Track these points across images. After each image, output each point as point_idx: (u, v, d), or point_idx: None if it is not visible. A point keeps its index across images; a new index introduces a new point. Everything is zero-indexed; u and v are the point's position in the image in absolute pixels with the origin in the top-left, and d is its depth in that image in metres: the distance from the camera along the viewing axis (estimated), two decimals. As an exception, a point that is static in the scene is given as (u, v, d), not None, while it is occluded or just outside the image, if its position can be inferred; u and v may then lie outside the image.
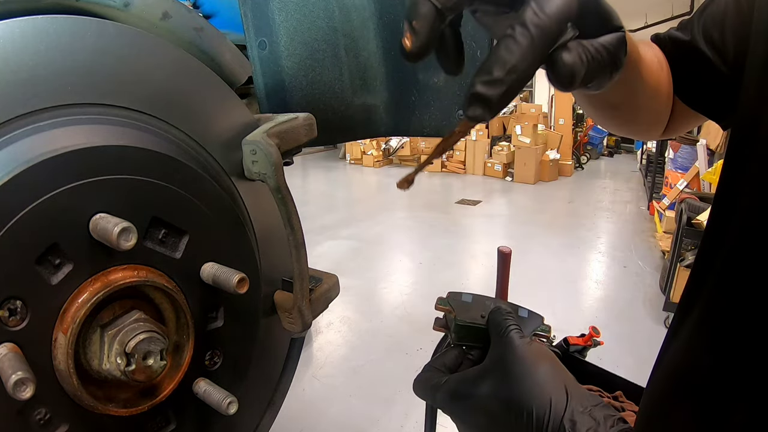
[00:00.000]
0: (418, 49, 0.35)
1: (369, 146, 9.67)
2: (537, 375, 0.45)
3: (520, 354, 0.47)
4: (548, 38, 0.32)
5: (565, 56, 0.34)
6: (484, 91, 0.31)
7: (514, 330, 0.50)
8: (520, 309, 0.59)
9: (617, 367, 1.39)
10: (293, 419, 2.39)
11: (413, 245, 5.19)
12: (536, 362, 0.46)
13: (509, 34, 0.32)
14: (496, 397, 0.45)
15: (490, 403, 0.45)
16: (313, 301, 0.75)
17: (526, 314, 0.58)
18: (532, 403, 0.43)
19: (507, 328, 0.50)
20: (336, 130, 0.87)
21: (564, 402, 0.43)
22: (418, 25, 0.34)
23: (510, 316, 0.52)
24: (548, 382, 0.45)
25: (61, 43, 0.53)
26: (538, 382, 0.45)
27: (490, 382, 0.47)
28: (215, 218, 0.60)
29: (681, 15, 8.55)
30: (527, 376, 0.45)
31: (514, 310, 0.58)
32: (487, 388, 0.46)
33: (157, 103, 0.61)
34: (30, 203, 0.46)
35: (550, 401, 0.43)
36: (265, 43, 0.81)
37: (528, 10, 0.32)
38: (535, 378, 0.45)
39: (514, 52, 0.31)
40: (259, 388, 0.80)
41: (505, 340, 0.49)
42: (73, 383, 0.48)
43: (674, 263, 3.29)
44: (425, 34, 0.35)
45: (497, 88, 0.31)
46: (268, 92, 0.83)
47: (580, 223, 5.70)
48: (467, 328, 0.55)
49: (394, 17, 0.82)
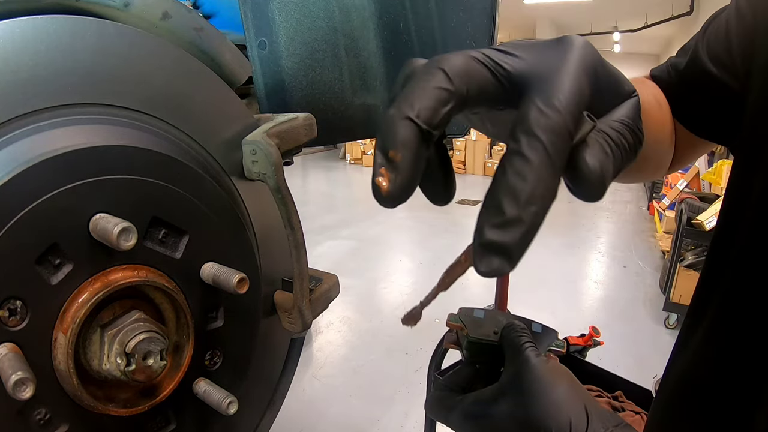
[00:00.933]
0: (401, 191, 0.25)
1: (369, 146, 9.66)
2: (555, 394, 0.43)
3: (537, 373, 0.45)
4: (565, 143, 0.24)
5: (589, 159, 0.26)
6: (497, 239, 0.23)
7: (530, 347, 0.48)
8: (534, 324, 0.57)
9: (617, 367, 1.39)
10: (293, 419, 2.39)
11: (413, 245, 5.19)
12: (554, 381, 0.44)
13: (514, 150, 0.24)
14: (512, 418, 0.43)
15: (506, 424, 0.44)
16: (313, 301, 0.75)
17: (540, 329, 0.56)
18: (549, 424, 0.41)
19: (522, 346, 0.48)
20: (336, 130, 0.87)
21: (584, 423, 0.41)
22: (397, 156, 0.24)
23: (524, 333, 0.50)
24: (567, 401, 0.43)
25: (61, 43, 0.53)
26: (556, 401, 0.43)
27: (506, 402, 0.45)
28: (215, 218, 0.60)
29: (681, 15, 8.54)
30: (544, 396, 0.43)
31: (528, 324, 0.56)
32: (503, 408, 0.44)
33: (158, 103, 0.61)
34: (30, 203, 0.46)
35: (570, 422, 0.41)
36: (265, 43, 0.81)
37: (532, 108, 0.24)
38: (553, 397, 0.43)
39: (526, 176, 0.23)
40: (259, 388, 0.80)
41: (521, 358, 0.47)
42: (73, 383, 0.48)
43: (674, 263, 3.28)
44: (408, 168, 0.25)
45: (514, 231, 0.23)
46: (268, 92, 0.83)
47: (580, 223, 5.70)
48: (480, 345, 0.53)
49: (394, 17, 0.82)
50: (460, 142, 8.84)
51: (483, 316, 0.56)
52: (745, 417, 0.44)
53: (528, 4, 9.51)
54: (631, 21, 10.27)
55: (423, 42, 0.80)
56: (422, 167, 0.25)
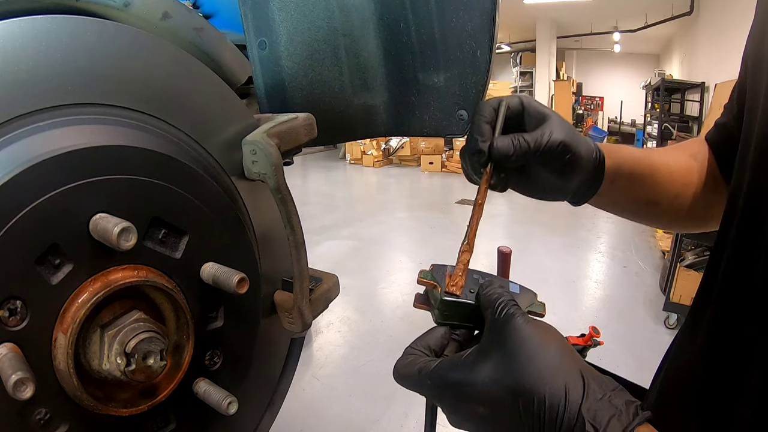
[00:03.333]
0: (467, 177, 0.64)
1: (369, 146, 9.67)
2: (547, 357, 0.39)
3: (525, 334, 0.41)
4: None
5: None
6: None
7: (514, 305, 0.44)
8: (511, 284, 0.52)
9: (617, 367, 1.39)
10: (293, 419, 2.39)
11: (413, 245, 5.19)
12: (545, 343, 0.40)
13: None
14: (499, 384, 0.39)
15: (492, 391, 0.40)
16: (313, 301, 0.75)
17: (518, 290, 0.51)
18: (543, 390, 0.37)
19: (506, 305, 0.43)
20: (336, 130, 0.87)
21: (581, 388, 0.37)
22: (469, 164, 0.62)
23: (505, 291, 0.46)
24: (561, 365, 0.39)
25: (61, 43, 0.53)
26: (550, 365, 0.39)
27: (490, 367, 0.41)
28: (215, 218, 0.60)
29: (681, 15, 8.55)
30: (536, 359, 0.39)
31: (505, 285, 0.51)
32: (487, 373, 0.40)
33: (158, 103, 0.61)
34: (30, 203, 0.46)
35: (566, 387, 0.37)
36: (265, 43, 0.81)
37: None
38: (546, 361, 0.39)
39: None
40: (259, 388, 0.80)
41: (505, 318, 0.42)
42: (73, 383, 0.48)
43: (674, 263, 3.29)
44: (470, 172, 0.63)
45: None
46: (268, 92, 0.83)
47: (580, 223, 5.70)
48: (455, 305, 0.48)
49: (395, 17, 0.82)
50: (460, 142, 8.81)
51: (457, 274, 0.51)
52: (731, 408, 0.45)
53: (528, 4, 9.52)
54: (631, 21, 10.28)
55: (423, 42, 0.80)
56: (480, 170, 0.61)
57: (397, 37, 0.82)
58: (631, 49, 14.21)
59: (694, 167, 0.69)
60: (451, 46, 0.78)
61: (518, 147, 0.56)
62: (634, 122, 13.32)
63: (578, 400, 0.37)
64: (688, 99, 8.32)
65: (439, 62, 0.80)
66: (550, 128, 0.58)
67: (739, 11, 5.50)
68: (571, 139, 0.58)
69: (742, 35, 0.58)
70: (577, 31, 12.60)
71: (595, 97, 14.83)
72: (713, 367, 0.50)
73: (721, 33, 6.56)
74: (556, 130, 0.58)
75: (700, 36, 8.09)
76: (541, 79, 12.59)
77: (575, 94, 13.51)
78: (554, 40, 12.36)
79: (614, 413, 0.36)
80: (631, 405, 0.37)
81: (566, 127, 0.59)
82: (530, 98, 0.62)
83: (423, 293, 0.53)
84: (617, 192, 0.66)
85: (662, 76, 9.17)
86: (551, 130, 0.57)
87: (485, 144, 0.57)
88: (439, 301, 0.49)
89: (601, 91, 14.96)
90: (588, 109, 14.48)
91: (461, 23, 0.76)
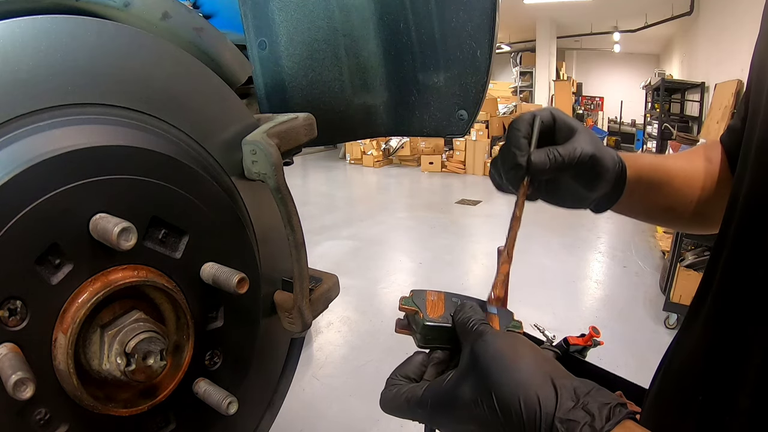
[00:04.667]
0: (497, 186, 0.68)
1: (369, 146, 9.66)
2: (518, 371, 0.41)
3: (495, 348, 0.43)
4: None
5: None
6: None
7: (482, 323, 0.46)
8: (488, 306, 0.54)
9: (617, 367, 1.39)
10: (293, 419, 2.39)
11: (413, 245, 5.19)
12: (515, 356, 0.42)
13: None
14: (481, 404, 0.41)
15: (476, 409, 0.41)
16: (313, 301, 0.75)
17: (495, 311, 0.53)
18: (518, 404, 0.39)
19: (475, 324, 0.46)
20: (336, 130, 0.87)
21: (553, 398, 0.39)
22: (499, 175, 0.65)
23: (476, 311, 0.48)
24: (531, 377, 0.40)
25: (61, 43, 0.53)
26: (521, 379, 0.40)
27: (470, 385, 0.42)
28: (215, 218, 0.60)
29: (681, 15, 8.55)
30: (507, 373, 0.41)
31: (482, 306, 0.53)
32: (468, 393, 0.42)
33: (157, 103, 0.61)
34: (30, 203, 0.46)
35: (538, 399, 0.39)
36: (265, 43, 0.81)
37: None
38: (517, 375, 0.41)
39: None
40: (259, 388, 0.80)
41: (475, 335, 0.45)
42: (73, 383, 0.48)
43: (674, 263, 3.29)
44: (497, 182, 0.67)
45: None
46: (268, 92, 0.83)
47: (580, 223, 5.70)
48: (437, 329, 0.50)
49: (395, 17, 0.82)
50: (460, 142, 8.83)
51: (436, 299, 0.53)
52: (730, 397, 0.46)
53: (528, 4, 9.51)
54: (631, 21, 10.28)
55: (423, 42, 0.80)
56: None
57: (397, 37, 0.82)
58: (631, 49, 14.20)
59: (710, 171, 0.71)
60: (451, 46, 0.78)
61: (553, 160, 0.59)
62: (634, 122, 13.31)
63: (551, 410, 0.38)
64: (688, 99, 8.32)
65: (439, 62, 0.80)
66: (580, 142, 0.61)
67: (739, 11, 5.49)
68: (599, 152, 0.61)
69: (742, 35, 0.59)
70: (577, 31, 12.60)
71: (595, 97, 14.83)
72: (712, 358, 0.51)
73: (721, 33, 6.56)
74: (586, 143, 0.61)
75: (700, 36, 8.09)
76: (541, 79, 12.58)
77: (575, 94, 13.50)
78: (554, 40, 12.36)
79: (587, 420, 0.37)
80: (604, 407, 0.37)
81: (594, 139, 0.62)
82: (558, 111, 0.64)
83: (404, 318, 0.55)
84: (636, 199, 0.69)
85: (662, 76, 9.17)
86: (582, 143, 0.60)
87: (523, 158, 0.60)
88: (421, 326, 0.51)
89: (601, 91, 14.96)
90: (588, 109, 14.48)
91: (461, 23, 0.76)
